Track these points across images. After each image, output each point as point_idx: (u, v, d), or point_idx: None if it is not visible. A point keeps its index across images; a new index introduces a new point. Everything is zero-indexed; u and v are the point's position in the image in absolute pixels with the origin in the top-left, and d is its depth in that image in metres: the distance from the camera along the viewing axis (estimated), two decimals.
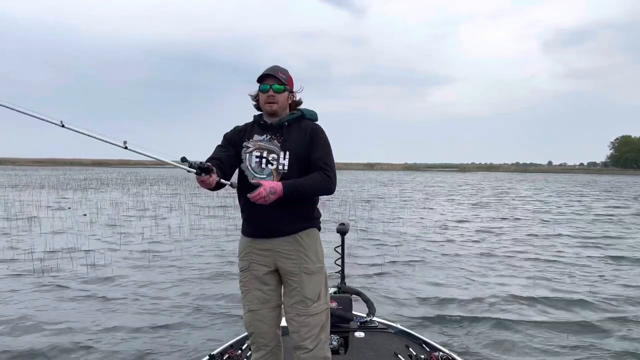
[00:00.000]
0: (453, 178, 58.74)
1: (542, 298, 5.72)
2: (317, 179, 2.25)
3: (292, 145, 2.31)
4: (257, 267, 2.32)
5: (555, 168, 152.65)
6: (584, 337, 4.48)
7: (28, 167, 69.70)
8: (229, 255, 7.99)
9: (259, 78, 2.36)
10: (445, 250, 8.91)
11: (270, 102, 2.33)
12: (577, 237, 10.77)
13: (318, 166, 2.28)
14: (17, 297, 5.45)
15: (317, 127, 2.40)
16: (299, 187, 2.22)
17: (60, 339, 4.24)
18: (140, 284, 6.10)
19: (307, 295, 2.27)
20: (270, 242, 2.29)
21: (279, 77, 2.34)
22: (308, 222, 2.34)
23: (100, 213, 14.11)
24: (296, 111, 2.43)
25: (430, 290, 5.99)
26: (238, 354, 3.01)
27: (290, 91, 2.41)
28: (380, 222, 13.02)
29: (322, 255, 2.38)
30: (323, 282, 2.35)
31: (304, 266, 2.28)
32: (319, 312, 2.29)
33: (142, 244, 9.06)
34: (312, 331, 2.27)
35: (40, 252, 7.97)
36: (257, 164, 2.31)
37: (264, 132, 2.37)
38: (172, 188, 27.06)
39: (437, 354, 3.03)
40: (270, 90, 2.33)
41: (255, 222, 2.32)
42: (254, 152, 2.32)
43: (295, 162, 2.29)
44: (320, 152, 2.31)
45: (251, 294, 2.34)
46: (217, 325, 4.68)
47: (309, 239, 2.32)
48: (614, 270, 7.32)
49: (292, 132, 2.34)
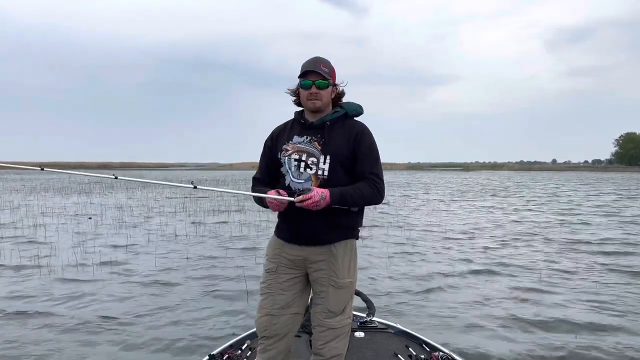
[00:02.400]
0: (459, 177, 58.56)
1: (544, 297, 5.71)
2: (365, 189, 2.13)
3: (334, 148, 2.16)
4: (286, 271, 2.25)
5: (559, 166, 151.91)
6: (587, 338, 4.45)
7: (32, 171, 69.87)
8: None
9: (301, 73, 2.20)
10: (446, 250, 8.90)
11: (314, 100, 2.19)
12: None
13: (365, 177, 2.16)
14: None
15: (363, 131, 2.23)
16: (347, 196, 2.10)
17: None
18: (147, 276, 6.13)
19: (331, 309, 2.21)
20: (302, 249, 2.21)
21: (322, 72, 2.17)
22: (346, 232, 2.23)
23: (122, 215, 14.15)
24: (339, 108, 2.27)
25: (431, 290, 5.98)
26: (238, 354, 3.01)
27: (334, 84, 2.26)
28: (384, 222, 13.00)
29: (354, 270, 2.27)
30: (350, 297, 2.28)
31: (332, 279, 2.19)
32: (340, 326, 2.24)
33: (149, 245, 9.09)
34: (331, 343, 2.23)
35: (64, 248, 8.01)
36: (296, 167, 2.19)
37: (303, 132, 2.24)
38: (174, 189, 27.07)
39: (437, 354, 3.02)
40: (313, 86, 2.17)
41: (291, 226, 2.23)
42: (292, 155, 2.20)
43: (336, 168, 2.16)
44: (367, 161, 2.18)
45: (273, 298, 2.25)
46: (218, 324, 4.70)
47: (344, 251, 2.22)
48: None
49: (335, 133, 2.20)
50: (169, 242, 9.57)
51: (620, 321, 4.85)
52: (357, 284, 2.42)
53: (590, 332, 4.56)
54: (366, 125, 2.27)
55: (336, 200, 2.07)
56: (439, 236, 10.53)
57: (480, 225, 12.33)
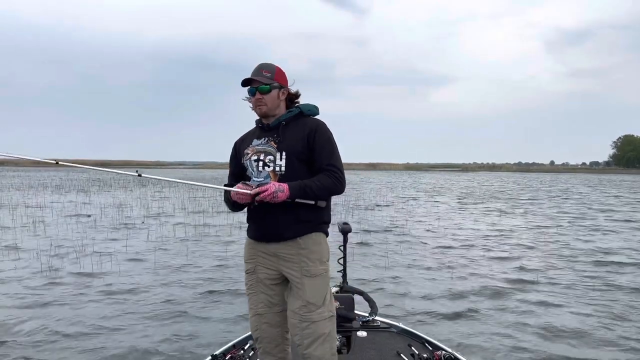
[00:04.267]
0: (459, 177, 58.65)
1: (546, 296, 5.72)
2: (324, 180, 2.15)
3: (289, 145, 2.21)
4: (263, 270, 2.26)
5: (557, 168, 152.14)
6: (589, 338, 4.46)
7: (30, 168, 69.77)
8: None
9: (242, 83, 2.25)
10: (447, 248, 8.91)
11: (259, 105, 2.24)
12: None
13: (323, 168, 2.18)
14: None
15: (316, 124, 2.26)
16: (306, 188, 2.11)
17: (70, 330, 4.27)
18: (144, 280, 6.12)
19: (309, 300, 2.16)
20: (272, 246, 2.23)
21: (263, 77, 2.22)
22: (312, 226, 2.22)
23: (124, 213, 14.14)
24: (294, 108, 2.31)
25: (433, 289, 5.99)
26: (240, 354, 3.00)
27: (281, 86, 2.27)
28: (385, 222, 13.01)
29: (326, 260, 2.27)
30: (327, 288, 2.24)
31: (305, 269, 2.18)
32: (322, 319, 2.17)
33: (148, 243, 9.08)
34: (317, 341, 2.15)
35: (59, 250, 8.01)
36: (256, 167, 2.24)
37: (262, 135, 2.29)
38: (175, 189, 27.06)
39: (439, 353, 3.02)
40: (256, 93, 2.23)
41: (257, 226, 2.26)
42: (252, 157, 2.26)
43: (293, 163, 2.19)
44: (324, 153, 2.20)
45: (257, 297, 2.28)
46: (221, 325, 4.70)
47: (312, 243, 2.21)
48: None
49: (289, 131, 2.24)
50: (169, 242, 9.57)
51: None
52: (359, 283, 2.40)
53: (588, 342, 4.52)
54: (322, 121, 2.30)
55: (296, 192, 2.09)
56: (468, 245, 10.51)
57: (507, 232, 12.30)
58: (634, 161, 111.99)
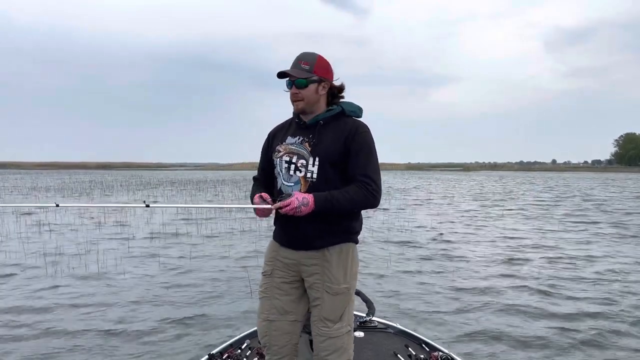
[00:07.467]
0: (461, 177, 58.48)
1: (547, 296, 5.74)
2: (356, 193, 1.98)
3: (323, 149, 2.03)
4: (281, 274, 2.16)
5: (559, 166, 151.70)
6: (591, 339, 4.43)
7: (32, 171, 69.85)
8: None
9: (277, 75, 2.05)
10: (448, 249, 8.92)
11: (295, 100, 2.07)
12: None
13: (356, 179, 2.00)
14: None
15: (357, 126, 2.06)
16: (334, 201, 1.95)
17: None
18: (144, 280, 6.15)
19: (327, 317, 2.08)
20: (296, 254, 2.11)
21: (298, 71, 2.03)
22: (341, 236, 2.09)
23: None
24: (335, 106, 2.11)
25: (432, 290, 6.00)
26: (237, 354, 3.00)
27: (321, 80, 2.06)
28: (384, 222, 13.02)
29: (351, 275, 2.13)
30: (347, 304, 2.13)
31: (327, 285, 2.07)
32: (339, 335, 2.10)
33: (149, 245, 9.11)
34: (334, 354, 2.10)
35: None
36: (286, 170, 2.08)
37: (297, 133, 2.12)
38: (177, 189, 27.12)
39: (436, 354, 3.02)
40: (293, 86, 2.05)
41: (285, 230, 2.13)
42: (283, 157, 2.09)
43: (326, 170, 2.02)
44: (359, 161, 2.01)
45: (270, 303, 2.16)
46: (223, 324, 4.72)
47: (339, 256, 2.08)
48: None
49: (327, 133, 2.05)
50: (168, 242, 9.59)
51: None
52: (357, 283, 2.40)
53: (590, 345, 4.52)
54: (365, 124, 2.10)
55: (321, 205, 1.94)
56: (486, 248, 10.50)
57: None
58: (636, 159, 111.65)
